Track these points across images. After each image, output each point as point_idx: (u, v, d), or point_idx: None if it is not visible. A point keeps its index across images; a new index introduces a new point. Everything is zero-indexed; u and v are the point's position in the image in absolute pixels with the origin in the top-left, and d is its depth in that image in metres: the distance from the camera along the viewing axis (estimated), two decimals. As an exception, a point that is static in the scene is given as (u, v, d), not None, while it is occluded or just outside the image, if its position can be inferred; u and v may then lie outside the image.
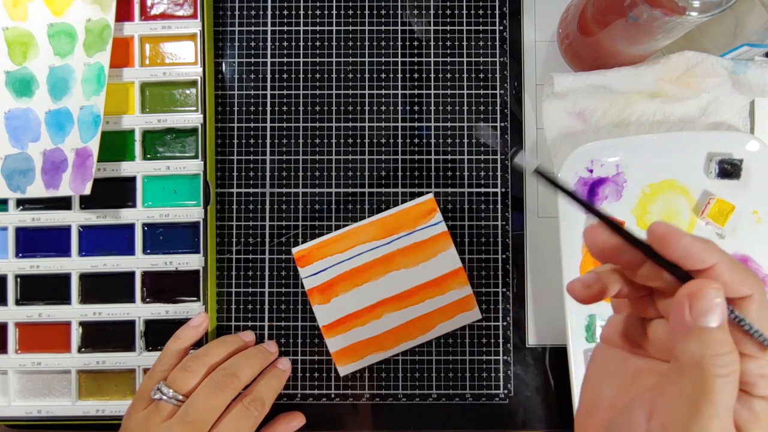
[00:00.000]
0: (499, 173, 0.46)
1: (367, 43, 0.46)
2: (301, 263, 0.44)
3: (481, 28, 0.46)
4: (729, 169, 0.41)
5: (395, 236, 0.44)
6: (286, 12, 0.46)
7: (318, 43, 0.46)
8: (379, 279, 0.44)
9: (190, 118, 0.44)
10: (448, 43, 0.46)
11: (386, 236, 0.44)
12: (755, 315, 0.22)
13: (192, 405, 0.37)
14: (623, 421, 0.24)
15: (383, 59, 0.46)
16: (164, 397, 0.38)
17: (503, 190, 0.46)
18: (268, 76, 0.46)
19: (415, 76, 0.46)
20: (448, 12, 0.46)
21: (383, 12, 0.46)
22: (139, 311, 0.44)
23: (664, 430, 0.22)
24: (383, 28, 0.46)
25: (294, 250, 0.45)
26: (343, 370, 0.44)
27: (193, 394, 0.38)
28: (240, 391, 0.40)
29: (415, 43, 0.46)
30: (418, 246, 0.44)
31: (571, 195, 0.25)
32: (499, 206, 0.46)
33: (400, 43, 0.46)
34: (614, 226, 0.24)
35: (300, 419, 0.44)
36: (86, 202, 0.45)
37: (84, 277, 0.44)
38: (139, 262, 0.44)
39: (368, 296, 0.44)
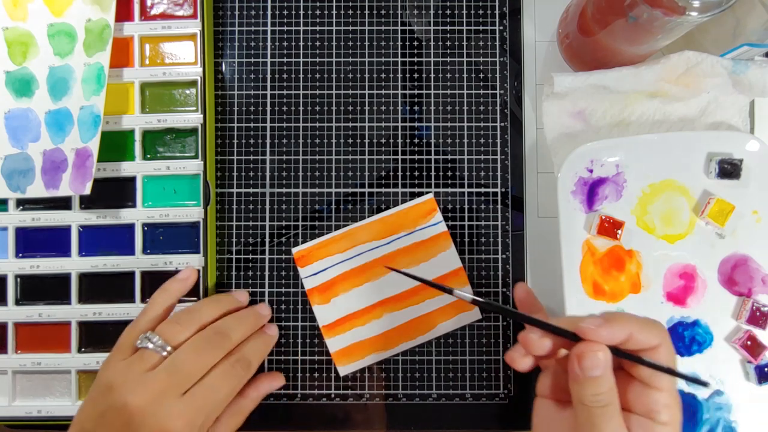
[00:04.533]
0: (499, 173, 0.46)
1: (367, 43, 0.46)
2: (301, 263, 0.44)
3: (481, 28, 0.46)
4: (729, 169, 0.41)
5: (395, 236, 0.44)
6: (286, 12, 0.46)
7: (318, 43, 0.46)
8: (379, 279, 0.44)
9: (190, 118, 0.44)
10: (448, 43, 0.46)
11: (386, 236, 0.44)
12: (664, 357, 0.30)
13: (179, 357, 0.36)
14: None
15: (383, 59, 0.46)
16: (151, 345, 0.36)
17: (503, 190, 0.46)
18: (268, 76, 0.46)
19: (415, 76, 0.46)
20: (448, 12, 0.46)
21: (383, 12, 0.46)
22: (139, 311, 0.44)
23: None
24: (383, 28, 0.46)
25: (294, 250, 0.45)
26: (344, 370, 0.44)
27: (181, 347, 0.36)
28: (228, 352, 0.39)
29: (415, 43, 0.46)
30: (418, 246, 0.44)
31: (508, 311, 0.34)
32: (499, 206, 0.46)
33: (400, 43, 0.46)
34: (544, 324, 0.31)
35: (281, 380, 0.43)
36: (86, 202, 0.45)
37: (84, 277, 0.44)
38: (139, 262, 0.44)
39: (368, 296, 0.44)
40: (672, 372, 0.30)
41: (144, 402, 0.34)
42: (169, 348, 0.36)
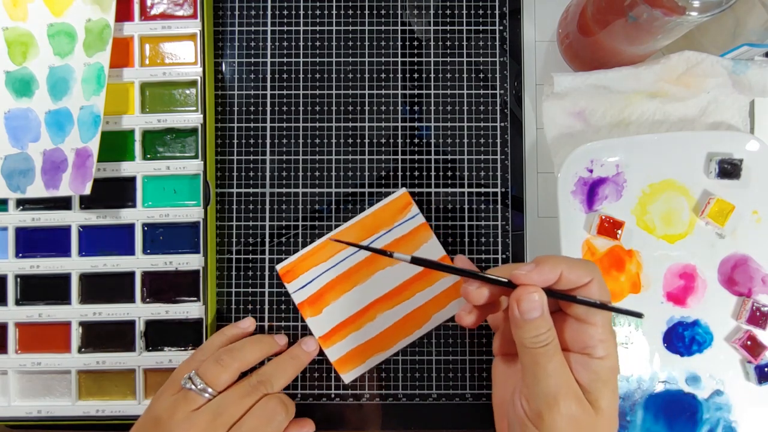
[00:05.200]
0: (499, 173, 0.46)
1: (367, 43, 0.46)
2: (287, 279, 0.44)
3: (481, 28, 0.46)
4: (729, 169, 0.41)
5: (375, 235, 0.44)
6: (286, 12, 0.46)
7: (318, 43, 0.46)
8: (367, 281, 0.44)
9: (190, 118, 0.44)
10: (448, 43, 0.46)
11: (366, 237, 0.44)
12: (596, 293, 0.31)
13: (223, 401, 0.38)
14: (511, 411, 0.33)
15: (383, 59, 0.46)
16: (194, 388, 0.38)
17: (503, 190, 0.46)
18: (268, 76, 0.46)
19: (415, 76, 0.46)
20: (448, 12, 0.46)
21: (383, 12, 0.46)
22: (139, 311, 0.44)
23: (527, 401, 0.31)
24: (383, 28, 0.46)
25: (278, 267, 0.44)
26: (347, 377, 0.44)
27: (226, 393, 0.38)
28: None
29: (415, 43, 0.46)
30: (399, 241, 0.44)
31: (447, 267, 0.33)
32: (499, 206, 0.46)
33: (400, 43, 0.46)
34: (481, 276, 0.32)
35: (310, 427, 0.43)
36: (86, 202, 0.45)
37: (84, 277, 0.44)
38: (139, 262, 0.44)
39: (359, 300, 0.44)
40: (603, 306, 0.31)
41: None
42: (210, 390, 0.38)
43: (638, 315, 0.32)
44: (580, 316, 0.31)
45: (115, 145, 0.44)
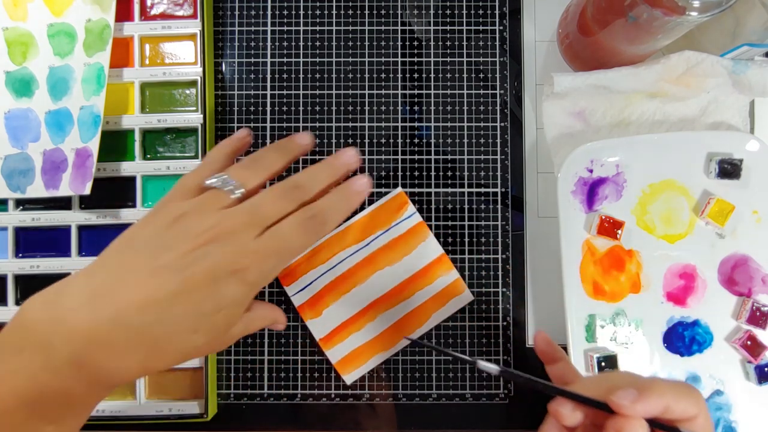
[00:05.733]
0: (499, 173, 0.46)
1: (367, 43, 0.46)
2: (285, 282, 0.44)
3: (481, 28, 0.46)
4: (729, 169, 0.41)
5: (373, 236, 0.44)
6: (286, 12, 0.46)
7: (318, 43, 0.46)
8: (366, 281, 0.44)
9: (190, 118, 0.44)
10: (448, 43, 0.46)
11: (364, 238, 0.44)
12: (702, 428, 0.28)
13: (257, 200, 0.33)
14: None
15: (383, 59, 0.46)
16: (227, 186, 0.33)
17: (503, 190, 0.46)
18: (268, 76, 0.46)
19: (415, 76, 0.46)
20: (448, 12, 0.46)
21: (383, 12, 0.46)
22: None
23: None
24: (383, 28, 0.46)
25: None
26: (349, 378, 0.44)
27: (260, 193, 0.34)
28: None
29: (415, 43, 0.46)
30: (397, 241, 0.44)
31: (535, 383, 0.31)
32: (499, 206, 0.46)
33: (400, 43, 0.46)
34: (575, 396, 0.29)
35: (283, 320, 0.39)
36: (86, 202, 0.45)
37: (84, 277, 0.44)
38: (139, 262, 0.44)
39: (358, 300, 0.44)
40: None
41: (220, 233, 0.31)
42: (241, 190, 0.33)
43: None
44: None
45: (115, 145, 0.44)
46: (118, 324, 0.29)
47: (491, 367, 0.31)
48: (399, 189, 0.45)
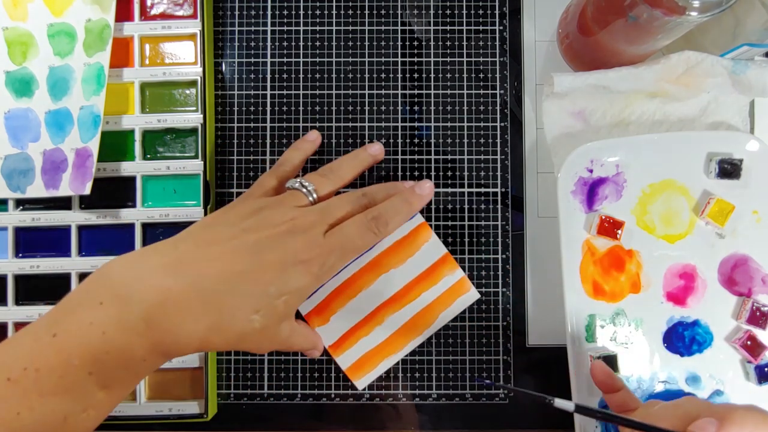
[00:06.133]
0: (499, 173, 0.46)
1: (367, 43, 0.46)
2: None
3: (481, 28, 0.46)
4: (729, 169, 0.41)
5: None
6: (286, 12, 0.46)
7: (318, 43, 0.46)
8: (372, 285, 0.44)
9: (190, 118, 0.44)
10: (448, 43, 0.46)
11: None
12: None
13: (331, 204, 0.38)
14: None
15: (383, 59, 0.46)
16: (303, 189, 0.38)
17: (503, 190, 0.46)
18: (268, 76, 0.46)
19: (415, 76, 0.46)
20: (448, 12, 0.46)
21: (383, 12, 0.46)
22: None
23: None
24: (383, 28, 0.46)
25: None
26: (361, 383, 0.44)
27: (332, 198, 0.39)
28: None
29: (415, 43, 0.46)
30: (400, 243, 0.44)
31: (613, 417, 0.31)
32: (499, 206, 0.46)
33: (400, 43, 0.46)
34: (653, 428, 0.29)
35: (320, 348, 0.43)
36: (86, 202, 0.45)
37: (84, 277, 0.44)
38: (139, 262, 0.44)
39: (365, 305, 0.44)
40: None
41: (296, 226, 0.35)
42: (315, 195, 0.38)
43: None
44: None
45: (115, 145, 0.44)
46: (194, 288, 0.32)
47: (568, 405, 0.31)
48: None
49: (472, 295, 0.44)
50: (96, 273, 0.32)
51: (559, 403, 0.31)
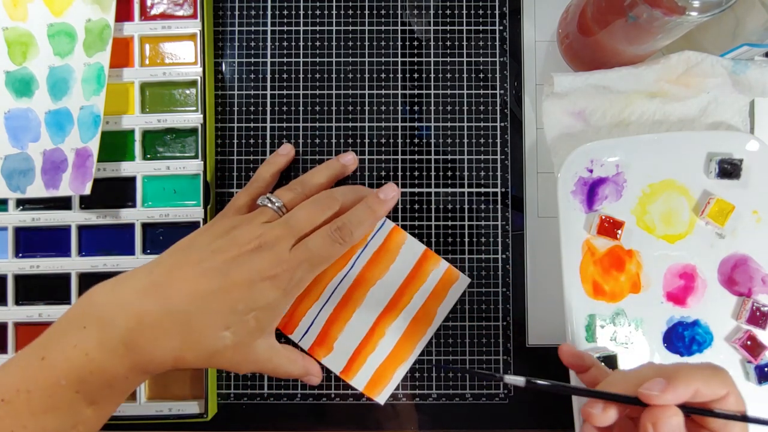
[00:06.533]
0: (499, 173, 0.46)
1: (367, 43, 0.46)
2: (287, 330, 0.44)
3: (481, 28, 0.46)
4: (729, 169, 0.41)
5: (354, 256, 0.44)
6: (286, 12, 0.46)
7: (318, 43, 0.46)
8: (364, 302, 0.44)
9: (190, 118, 0.44)
10: (448, 43, 0.46)
11: (346, 262, 0.44)
12: (734, 405, 0.29)
13: (293, 215, 0.39)
14: None
15: (383, 59, 0.46)
16: (270, 205, 0.39)
17: (503, 190, 0.46)
18: (268, 76, 0.46)
19: (415, 76, 0.46)
20: (448, 12, 0.46)
21: (383, 12, 0.46)
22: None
23: None
24: (383, 28, 0.46)
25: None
26: (381, 398, 0.44)
27: (297, 207, 0.39)
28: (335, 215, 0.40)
29: (415, 43, 0.46)
30: (378, 254, 0.44)
31: (563, 388, 0.32)
32: (499, 206, 0.46)
33: (400, 43, 0.46)
34: (605, 395, 0.30)
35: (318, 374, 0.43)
36: (86, 202, 0.45)
37: (84, 277, 0.44)
38: (139, 262, 0.44)
39: (363, 323, 0.44)
40: (747, 419, 0.29)
41: (262, 243, 0.37)
42: (284, 209, 0.40)
43: None
44: (715, 431, 0.29)
45: (115, 145, 0.44)
46: (166, 310, 0.34)
47: (518, 380, 0.31)
48: None
49: (462, 281, 0.44)
50: (81, 298, 0.35)
51: (509, 379, 0.31)
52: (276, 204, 0.39)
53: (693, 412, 0.29)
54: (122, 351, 0.33)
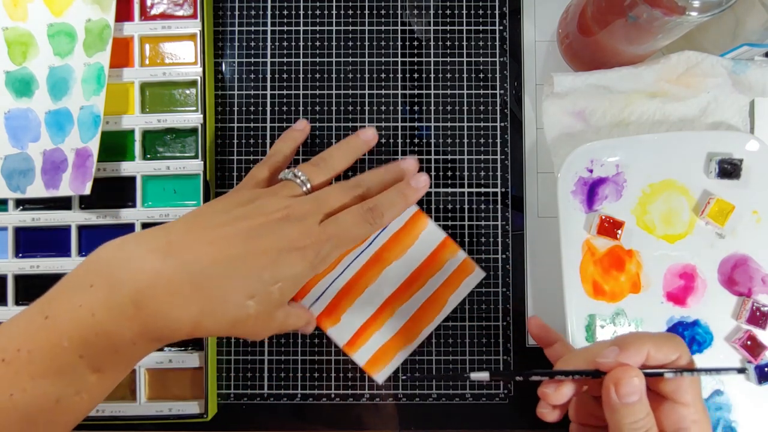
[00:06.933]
0: (499, 173, 0.46)
1: (367, 43, 0.46)
2: (297, 296, 0.44)
3: (481, 28, 0.46)
4: (729, 169, 0.41)
5: (374, 235, 0.44)
6: (286, 12, 0.46)
7: (318, 43, 0.46)
8: (377, 280, 0.44)
9: (190, 118, 0.44)
10: (448, 43, 0.46)
11: (362, 242, 0.44)
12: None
13: (324, 193, 0.37)
14: None
15: (383, 59, 0.46)
16: (297, 180, 0.37)
17: (503, 190, 0.46)
18: (268, 76, 0.46)
19: (415, 76, 0.46)
20: (448, 12, 0.46)
21: (383, 12, 0.46)
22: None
23: None
24: (383, 28, 0.46)
25: None
26: (380, 377, 0.44)
27: (326, 188, 0.38)
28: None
29: (415, 43, 0.46)
30: (398, 235, 0.44)
31: (525, 374, 0.33)
32: (499, 206, 0.46)
33: (400, 43, 0.46)
34: (565, 372, 0.31)
35: (313, 323, 0.42)
36: (86, 202, 0.45)
37: (84, 277, 0.44)
38: (139, 262, 0.44)
39: (373, 300, 0.44)
40: (695, 370, 0.30)
41: (290, 214, 0.35)
42: (309, 185, 0.38)
43: (741, 371, 0.32)
44: (670, 395, 0.30)
45: (115, 145, 0.44)
46: (185, 271, 0.31)
47: (483, 375, 0.32)
48: None
49: (477, 274, 0.44)
50: (89, 257, 0.32)
51: (475, 376, 0.32)
52: (301, 178, 0.38)
53: (647, 374, 0.30)
54: (131, 312, 0.30)
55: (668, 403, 0.30)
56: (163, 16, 0.45)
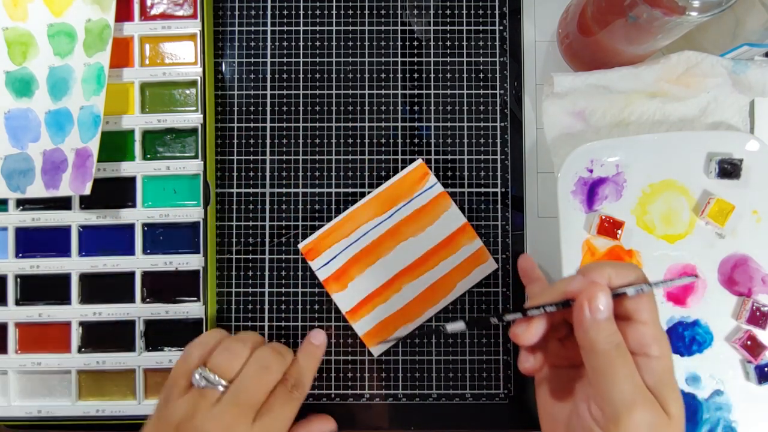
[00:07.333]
0: (499, 173, 0.46)
1: (367, 43, 0.46)
2: (310, 256, 0.44)
3: (481, 28, 0.46)
4: (729, 169, 0.41)
5: (395, 208, 0.44)
6: (286, 12, 0.46)
7: (318, 43, 0.46)
8: (390, 253, 0.44)
9: (190, 118, 0.44)
10: (448, 43, 0.46)
11: (387, 210, 0.44)
12: (645, 292, 0.31)
13: (241, 385, 0.36)
14: (576, 422, 0.32)
15: (383, 59, 0.46)
16: (208, 384, 0.36)
17: (503, 190, 0.46)
18: (268, 76, 0.46)
19: (415, 76, 0.46)
20: (448, 12, 0.46)
21: (383, 12, 0.46)
22: (139, 311, 0.44)
23: (600, 408, 0.30)
24: (383, 28, 0.46)
25: (300, 245, 0.44)
26: (376, 350, 0.44)
27: (242, 375, 0.37)
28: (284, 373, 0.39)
29: (415, 43, 0.46)
30: (419, 212, 0.44)
31: (498, 316, 0.34)
32: (499, 206, 0.46)
33: (400, 43, 0.46)
34: (537, 306, 0.32)
35: (331, 425, 0.43)
36: (86, 202, 0.45)
37: (84, 277, 0.44)
38: (139, 263, 0.44)
39: (383, 272, 0.44)
40: (657, 283, 0.32)
41: None
42: (224, 383, 0.37)
43: (694, 277, 0.35)
44: (631, 314, 0.31)
45: (115, 145, 0.44)
46: None
47: (459, 326, 0.34)
48: (419, 160, 0.45)
49: (489, 264, 0.45)
50: None
51: (451, 327, 0.34)
52: (213, 380, 0.37)
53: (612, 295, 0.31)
54: None
55: (630, 323, 0.31)
56: (163, 16, 0.45)
